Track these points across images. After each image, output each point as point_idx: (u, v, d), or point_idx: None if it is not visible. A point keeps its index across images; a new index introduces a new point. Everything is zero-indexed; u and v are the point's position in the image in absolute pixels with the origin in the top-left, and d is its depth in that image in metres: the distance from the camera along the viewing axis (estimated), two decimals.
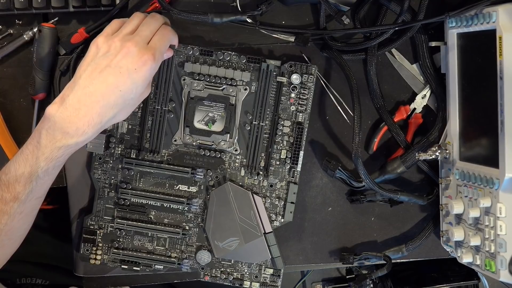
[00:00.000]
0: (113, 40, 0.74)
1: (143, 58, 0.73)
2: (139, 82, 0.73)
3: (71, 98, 0.72)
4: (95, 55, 0.74)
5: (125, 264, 0.88)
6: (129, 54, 0.72)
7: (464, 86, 0.82)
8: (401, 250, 0.89)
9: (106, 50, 0.73)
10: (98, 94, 0.72)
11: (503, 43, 0.72)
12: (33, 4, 0.83)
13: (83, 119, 0.72)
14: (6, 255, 0.78)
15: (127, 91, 0.73)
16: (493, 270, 0.75)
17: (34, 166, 0.72)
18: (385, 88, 0.90)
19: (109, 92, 0.72)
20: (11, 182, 0.72)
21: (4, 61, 0.87)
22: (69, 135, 0.72)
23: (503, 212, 0.74)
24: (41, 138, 0.72)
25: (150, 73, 0.74)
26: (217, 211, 0.86)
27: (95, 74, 0.72)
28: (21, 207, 0.74)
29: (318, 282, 1.09)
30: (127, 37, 0.74)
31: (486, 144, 0.77)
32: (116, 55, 0.73)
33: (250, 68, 0.85)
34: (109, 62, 0.72)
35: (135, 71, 0.72)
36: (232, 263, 0.88)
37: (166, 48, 0.78)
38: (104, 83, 0.72)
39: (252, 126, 0.86)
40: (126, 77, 0.72)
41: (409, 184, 0.91)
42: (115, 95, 0.72)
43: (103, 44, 0.74)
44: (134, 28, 0.76)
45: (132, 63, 0.72)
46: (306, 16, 0.88)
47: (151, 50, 0.74)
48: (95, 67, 0.73)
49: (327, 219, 0.91)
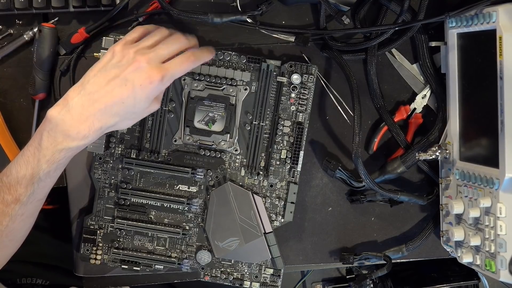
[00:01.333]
0: (129, 51, 0.74)
1: (150, 76, 0.72)
2: (141, 99, 0.73)
3: (75, 101, 0.72)
4: (108, 61, 0.74)
5: (125, 264, 0.88)
6: (139, 69, 0.72)
7: (464, 86, 0.82)
8: (401, 250, 0.89)
9: (119, 60, 0.73)
10: (102, 102, 0.72)
11: (503, 43, 0.72)
12: (33, 4, 0.83)
13: (84, 123, 0.72)
14: (7, 256, 0.79)
15: (129, 104, 0.73)
16: (493, 270, 0.75)
17: (35, 168, 0.72)
18: (385, 88, 0.90)
19: (112, 102, 0.72)
20: (13, 184, 0.72)
21: (4, 61, 0.87)
22: (71, 138, 0.72)
23: (503, 212, 0.74)
24: (43, 140, 0.72)
25: (154, 93, 0.74)
26: (217, 211, 0.86)
27: (103, 82, 0.72)
28: (22, 209, 0.74)
29: (318, 282, 1.09)
30: (142, 51, 0.74)
31: (486, 144, 0.77)
32: (127, 67, 0.72)
33: (250, 68, 0.85)
34: (119, 73, 0.72)
35: (140, 87, 0.72)
36: (232, 263, 0.88)
37: (180, 74, 0.76)
38: (109, 93, 0.72)
39: (252, 126, 0.86)
40: (130, 91, 0.72)
41: (409, 184, 0.91)
42: (117, 106, 0.72)
43: (118, 52, 0.74)
44: (153, 43, 0.76)
45: (139, 78, 0.72)
46: (306, 16, 0.88)
47: (162, 71, 0.73)
48: (104, 74, 0.73)
49: (327, 219, 0.92)
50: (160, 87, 0.73)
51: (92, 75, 0.74)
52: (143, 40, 0.76)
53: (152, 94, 0.74)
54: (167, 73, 0.73)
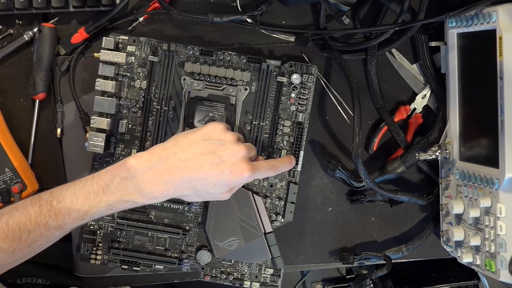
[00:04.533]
0: (234, 135, 0.74)
1: (243, 168, 0.72)
2: (224, 184, 0.73)
3: (162, 162, 0.71)
4: (208, 134, 0.74)
5: (125, 264, 0.88)
6: (237, 157, 0.72)
7: (464, 86, 0.82)
8: (401, 250, 0.89)
9: (221, 138, 0.74)
10: (187, 172, 0.71)
11: (503, 43, 0.72)
12: (33, 4, 0.83)
13: (161, 186, 0.71)
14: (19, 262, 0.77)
15: (210, 184, 0.72)
16: (493, 270, 0.75)
17: (93, 207, 0.71)
18: (385, 88, 0.90)
19: (197, 176, 0.72)
20: (63, 212, 0.71)
21: (4, 61, 0.87)
22: (141, 194, 0.71)
23: (503, 212, 0.74)
24: (113, 184, 0.71)
25: (237, 184, 0.75)
26: (217, 211, 0.86)
27: (197, 153, 0.72)
28: (61, 234, 0.73)
29: (318, 282, 1.08)
30: (246, 144, 0.75)
31: (486, 144, 0.77)
32: (226, 148, 0.72)
33: (250, 68, 0.85)
34: (216, 150, 0.72)
35: (229, 173, 0.72)
36: (232, 263, 0.88)
37: (263, 176, 0.79)
38: (198, 166, 0.71)
39: (252, 126, 0.86)
40: (219, 172, 0.72)
41: (409, 184, 0.91)
42: (199, 182, 0.72)
43: (221, 131, 0.74)
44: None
45: (233, 166, 0.72)
46: (306, 16, 0.88)
47: (254, 168, 0.74)
48: (201, 146, 0.72)
49: (327, 219, 0.92)
50: (245, 181, 0.74)
51: (187, 142, 0.73)
52: (237, 133, 0.77)
53: (235, 184, 0.74)
54: (256, 172, 0.74)
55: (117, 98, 0.85)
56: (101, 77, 0.84)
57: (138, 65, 0.85)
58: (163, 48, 0.84)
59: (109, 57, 0.83)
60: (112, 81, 0.84)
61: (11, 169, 0.84)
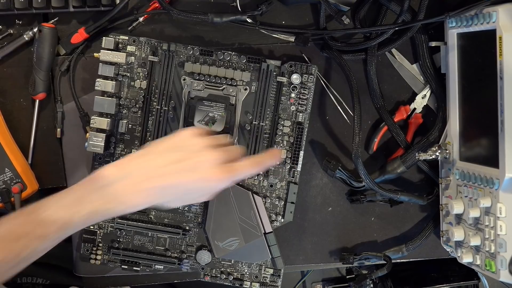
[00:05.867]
0: (209, 140, 0.73)
1: (217, 172, 0.71)
2: (202, 189, 0.72)
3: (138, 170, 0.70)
4: (181, 141, 0.73)
5: (125, 264, 0.88)
6: (209, 162, 0.71)
7: (464, 86, 0.82)
8: (401, 250, 0.89)
9: (193, 144, 0.72)
10: (166, 179, 0.70)
11: (503, 43, 0.72)
12: (33, 4, 0.83)
13: (140, 194, 0.70)
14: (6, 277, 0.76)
15: (189, 190, 0.72)
16: (493, 270, 0.75)
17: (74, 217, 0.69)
18: (385, 88, 0.90)
19: (176, 183, 0.71)
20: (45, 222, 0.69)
21: (4, 61, 0.87)
22: (122, 204, 0.70)
23: (503, 212, 0.74)
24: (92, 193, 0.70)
25: (218, 188, 0.73)
26: (217, 211, 0.86)
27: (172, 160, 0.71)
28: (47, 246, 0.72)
29: (318, 282, 1.08)
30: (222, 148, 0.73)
31: (486, 144, 0.77)
32: (198, 155, 0.71)
33: (250, 68, 0.85)
34: (187, 158, 0.71)
35: (207, 180, 0.71)
36: (232, 263, 0.88)
37: (245, 177, 0.78)
38: (176, 174, 0.70)
39: (252, 126, 0.86)
40: (196, 179, 0.71)
41: (409, 184, 0.91)
42: (177, 189, 0.71)
43: (194, 137, 0.73)
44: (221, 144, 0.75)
45: (209, 172, 0.70)
46: (306, 16, 0.88)
47: (231, 172, 0.72)
48: (175, 154, 0.71)
49: (327, 219, 0.92)
50: (223, 185, 0.73)
51: (161, 149, 0.72)
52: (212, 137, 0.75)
53: (213, 189, 0.73)
54: (236, 174, 0.72)
55: (117, 98, 0.85)
56: (101, 77, 0.84)
57: (138, 65, 0.85)
58: (163, 48, 0.84)
59: (109, 57, 0.83)
60: (112, 81, 0.84)
61: (11, 169, 0.84)
